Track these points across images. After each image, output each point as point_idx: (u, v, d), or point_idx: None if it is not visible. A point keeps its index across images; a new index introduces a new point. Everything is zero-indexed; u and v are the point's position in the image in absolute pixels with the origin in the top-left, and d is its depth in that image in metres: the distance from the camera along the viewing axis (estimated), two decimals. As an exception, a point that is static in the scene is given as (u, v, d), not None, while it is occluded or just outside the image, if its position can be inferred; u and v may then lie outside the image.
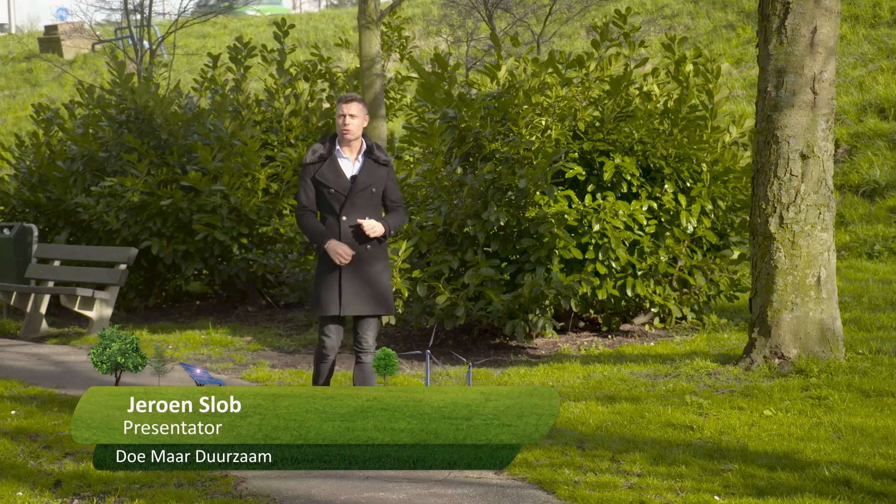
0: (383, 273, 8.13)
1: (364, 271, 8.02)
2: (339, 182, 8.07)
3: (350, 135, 8.09)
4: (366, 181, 8.08)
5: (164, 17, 39.19)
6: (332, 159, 8.12)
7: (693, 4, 29.59)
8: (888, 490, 6.41)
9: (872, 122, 19.51)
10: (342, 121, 8.09)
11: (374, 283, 8.04)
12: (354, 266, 8.00)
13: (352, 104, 8.10)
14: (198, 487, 6.97)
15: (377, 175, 8.14)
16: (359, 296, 8.00)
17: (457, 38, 25.93)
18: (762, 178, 9.89)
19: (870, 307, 12.48)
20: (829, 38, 9.77)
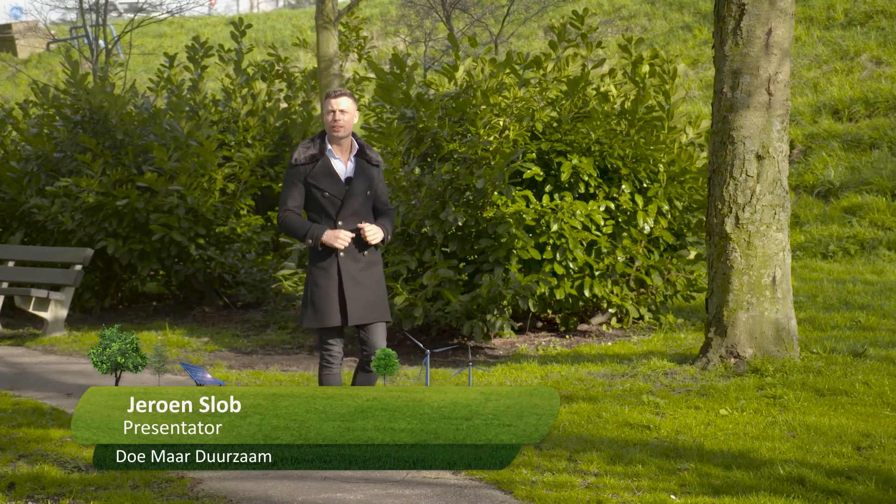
0: (381, 278, 7.79)
1: (364, 277, 7.64)
2: (334, 185, 7.61)
3: (341, 132, 7.61)
4: (361, 184, 7.65)
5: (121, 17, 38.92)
6: (325, 160, 7.63)
7: (650, 6, 29.74)
8: (842, 488, 6.46)
9: (827, 123, 19.67)
10: (332, 117, 7.60)
11: (376, 289, 7.69)
12: (355, 274, 7.60)
13: (341, 99, 7.62)
14: (154, 489, 6.93)
15: (370, 177, 7.72)
16: (364, 304, 7.61)
17: (415, 39, 25.93)
18: (718, 179, 9.94)
19: (824, 307, 12.58)
20: (784, 40, 9.84)
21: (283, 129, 16.79)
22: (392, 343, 12.68)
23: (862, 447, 7.35)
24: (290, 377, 10.81)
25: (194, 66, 16.59)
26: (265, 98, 16.63)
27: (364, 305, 7.61)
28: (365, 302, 7.61)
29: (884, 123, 18.83)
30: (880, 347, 10.23)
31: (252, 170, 15.59)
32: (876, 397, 8.63)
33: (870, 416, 8.16)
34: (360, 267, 7.63)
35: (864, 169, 17.78)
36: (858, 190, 17.23)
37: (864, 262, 15.06)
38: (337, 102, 7.59)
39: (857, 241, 15.88)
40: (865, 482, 6.53)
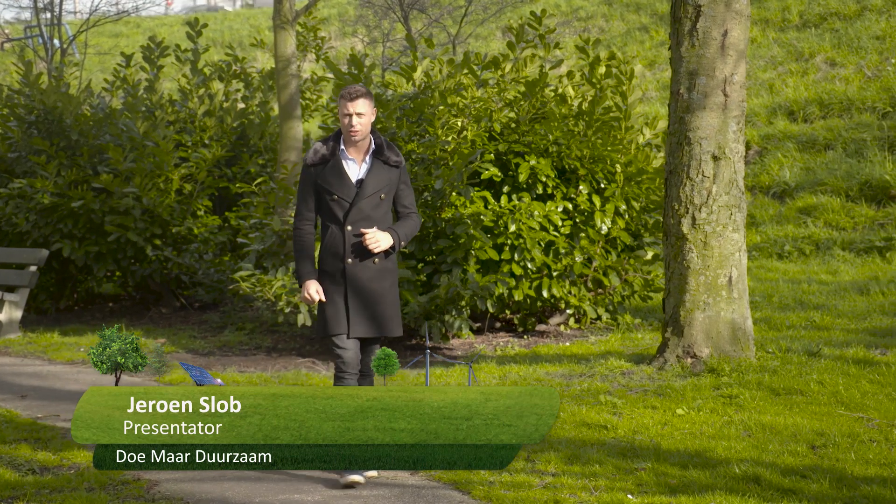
0: (391, 290, 7.17)
1: (371, 289, 7.08)
2: (343, 187, 7.06)
3: (358, 136, 7.05)
4: (373, 186, 7.07)
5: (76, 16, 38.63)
6: (336, 161, 7.09)
7: (607, 7, 29.85)
8: (796, 487, 6.51)
9: (782, 124, 19.82)
10: (348, 121, 7.03)
11: (382, 302, 7.10)
12: (362, 283, 7.06)
13: (358, 101, 7.02)
14: (109, 491, 6.88)
15: (387, 178, 7.13)
16: (365, 316, 7.07)
17: (373, 39, 25.89)
18: (675, 180, 9.99)
19: (780, 306, 12.66)
20: (740, 41, 9.90)
21: (241, 130, 16.73)
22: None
23: (816, 446, 7.41)
24: (247, 378, 10.77)
25: (150, 65, 16.49)
26: (222, 98, 16.57)
27: (365, 318, 7.08)
28: (368, 314, 7.08)
29: (838, 125, 19.00)
30: (835, 347, 10.32)
31: (209, 170, 15.52)
32: (830, 396, 8.70)
33: (824, 415, 8.23)
34: (369, 276, 7.09)
35: (818, 170, 17.92)
36: (813, 191, 17.37)
37: (819, 263, 15.18)
38: (354, 106, 7.02)
39: (811, 242, 16.01)
40: (820, 481, 6.58)
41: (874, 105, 19.02)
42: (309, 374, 10.90)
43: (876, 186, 16.79)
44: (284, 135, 15.32)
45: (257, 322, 13.93)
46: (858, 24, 22.76)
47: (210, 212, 15.57)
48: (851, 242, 15.66)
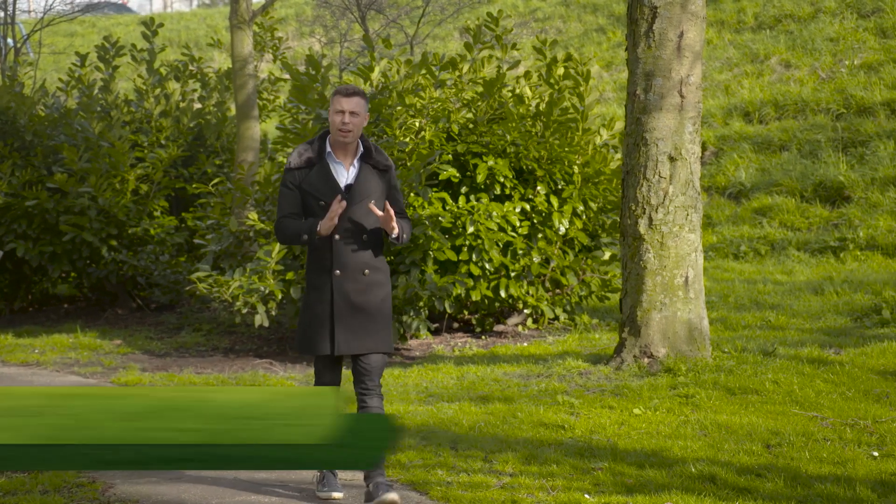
0: (385, 302, 6.58)
1: (363, 301, 6.50)
2: (332, 192, 6.51)
3: (348, 137, 6.50)
4: (363, 191, 6.53)
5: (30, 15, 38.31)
6: (323, 164, 6.55)
7: (564, 8, 29.94)
8: (751, 486, 6.55)
9: (738, 125, 19.95)
10: (340, 119, 6.48)
11: (375, 315, 6.52)
12: (351, 296, 6.47)
13: (353, 98, 6.50)
14: (64, 494, 6.83)
15: (377, 183, 6.60)
16: (356, 331, 6.48)
17: (330, 40, 25.85)
18: (632, 180, 10.03)
19: (735, 307, 12.75)
20: (696, 43, 9.96)
21: (197, 130, 16.65)
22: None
23: (771, 445, 7.46)
24: (204, 379, 10.72)
25: (105, 65, 16.39)
26: (179, 98, 16.49)
27: (355, 333, 6.48)
28: (357, 329, 6.48)
29: (793, 126, 19.14)
30: (789, 346, 10.40)
31: (165, 170, 15.44)
32: (785, 396, 8.76)
33: (779, 414, 8.29)
34: (359, 288, 6.50)
35: (773, 170, 18.06)
36: (768, 191, 17.50)
37: (774, 263, 15.30)
38: (348, 102, 6.49)
39: (767, 242, 16.12)
40: (774, 479, 6.63)
41: (828, 106, 19.19)
42: (266, 375, 10.87)
43: (830, 187, 16.94)
44: (241, 135, 15.26)
45: (214, 323, 13.87)
46: (812, 27, 22.95)
47: (166, 212, 15.49)
48: (806, 243, 15.78)
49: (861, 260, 14.71)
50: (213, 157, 16.38)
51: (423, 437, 7.95)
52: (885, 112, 18.42)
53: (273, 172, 13.12)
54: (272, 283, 11.70)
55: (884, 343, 10.23)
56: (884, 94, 18.80)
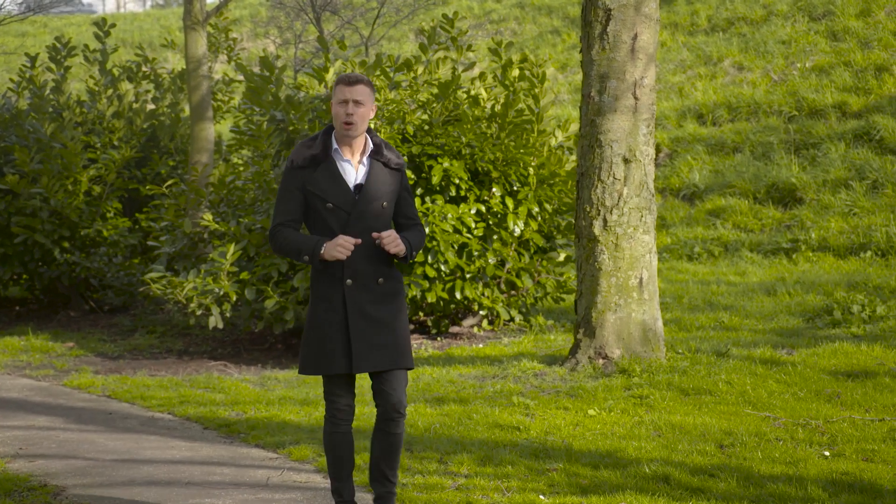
0: (400, 314, 5.95)
1: (379, 312, 5.85)
2: (340, 193, 5.83)
3: (353, 130, 5.82)
4: (375, 192, 5.88)
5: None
6: (329, 162, 5.87)
7: (519, 10, 30.01)
8: (705, 486, 6.59)
9: (692, 127, 20.07)
10: (343, 110, 5.82)
11: (393, 327, 5.88)
12: (366, 306, 5.83)
13: (357, 87, 5.83)
14: (14, 498, 6.76)
15: (388, 183, 5.94)
16: (375, 346, 5.82)
17: (285, 41, 25.76)
18: (586, 182, 10.06)
19: (689, 308, 12.82)
20: (650, 45, 10.00)
21: (151, 131, 16.56)
22: (264, 346, 12.59)
23: (724, 445, 7.51)
24: (157, 382, 10.65)
25: (57, 66, 16.25)
26: (132, 99, 16.38)
27: (375, 347, 5.82)
28: (376, 343, 5.82)
29: (746, 128, 19.28)
30: (742, 347, 10.47)
31: (119, 172, 15.33)
32: (738, 396, 8.82)
33: (732, 414, 8.34)
34: (374, 298, 5.86)
35: (727, 172, 18.18)
36: (722, 193, 17.61)
37: (728, 264, 15.40)
38: (351, 91, 5.82)
39: (720, 243, 16.22)
40: (727, 479, 6.67)
41: (780, 109, 19.34)
42: (221, 378, 10.82)
43: (783, 189, 17.08)
44: (196, 136, 15.19)
45: (168, 325, 13.79)
46: (765, 29, 23.13)
47: (120, 214, 15.38)
48: (759, 244, 15.90)
49: (813, 261, 14.84)
50: (167, 159, 16.29)
51: (379, 438, 7.93)
52: (836, 114, 18.60)
53: (227, 173, 13.07)
54: (227, 284, 11.64)
55: (835, 343, 10.33)
56: (835, 96, 18.98)
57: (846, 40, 21.19)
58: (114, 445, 8.14)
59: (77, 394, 10.35)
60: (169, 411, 9.43)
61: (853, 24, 21.58)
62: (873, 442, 7.44)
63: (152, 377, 11.05)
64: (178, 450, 7.98)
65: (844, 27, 21.61)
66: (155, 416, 9.32)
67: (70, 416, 9.23)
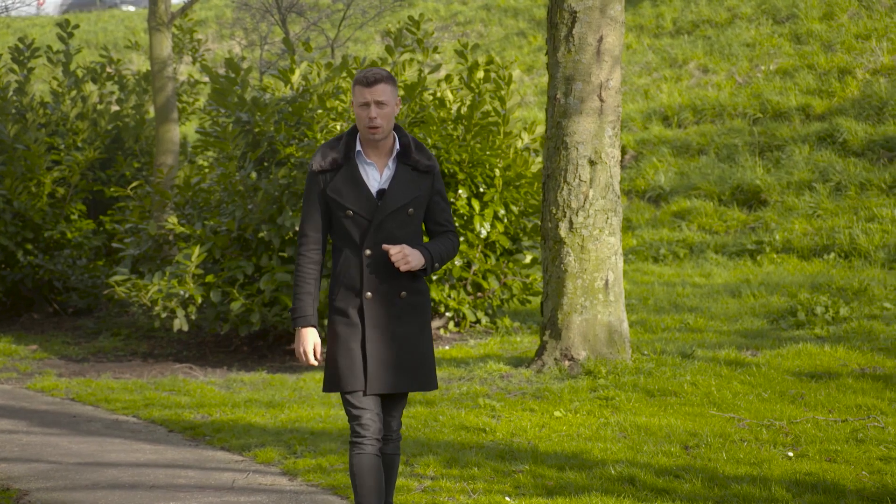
0: (423, 331, 5.49)
1: (399, 329, 5.41)
2: (361, 200, 5.38)
3: (378, 133, 5.35)
4: (399, 198, 5.39)
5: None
6: (351, 166, 5.42)
7: (485, 12, 30.05)
8: (670, 487, 6.61)
9: (657, 129, 20.15)
10: (366, 113, 5.35)
11: (415, 346, 5.44)
12: (385, 322, 5.40)
13: (378, 87, 5.34)
14: (-22, 503, 6.71)
15: (416, 188, 5.44)
16: (390, 366, 5.38)
17: (250, 42, 25.68)
18: (552, 184, 10.08)
19: (655, 309, 12.87)
20: (615, 47, 10.03)
21: (115, 133, 16.46)
22: (229, 349, 12.55)
23: (689, 446, 7.54)
24: (122, 385, 10.60)
25: (20, 67, 16.14)
26: (96, 100, 16.29)
27: (393, 368, 5.38)
28: (395, 363, 5.39)
29: (711, 130, 19.38)
30: (707, 349, 10.51)
31: (83, 173, 15.25)
32: (703, 397, 8.86)
33: (697, 415, 8.38)
34: (395, 313, 5.41)
35: (692, 174, 18.26)
36: (687, 195, 17.69)
37: (693, 266, 15.47)
38: (372, 92, 5.33)
39: (686, 245, 16.29)
40: (692, 480, 6.70)
41: (745, 111, 19.45)
42: (186, 380, 10.77)
43: (747, 191, 17.17)
44: (161, 138, 15.12)
45: (133, 328, 13.72)
46: (729, 32, 23.25)
47: (84, 216, 15.29)
48: (724, 246, 15.98)
49: (777, 263, 14.93)
50: (132, 160, 16.20)
51: (345, 440, 7.92)
52: (800, 117, 18.72)
53: (193, 175, 13.02)
54: (192, 287, 11.59)
55: (799, 345, 10.39)
56: (798, 99, 19.10)
57: (810, 43, 21.34)
58: (78, 449, 8.09)
59: (40, 397, 10.28)
60: (133, 414, 9.39)
61: (816, 27, 21.73)
62: (836, 442, 7.49)
63: (117, 380, 10.99)
64: (142, 453, 7.94)
65: (808, 30, 21.76)
66: (119, 419, 9.27)
67: (33, 420, 9.17)
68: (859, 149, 17.16)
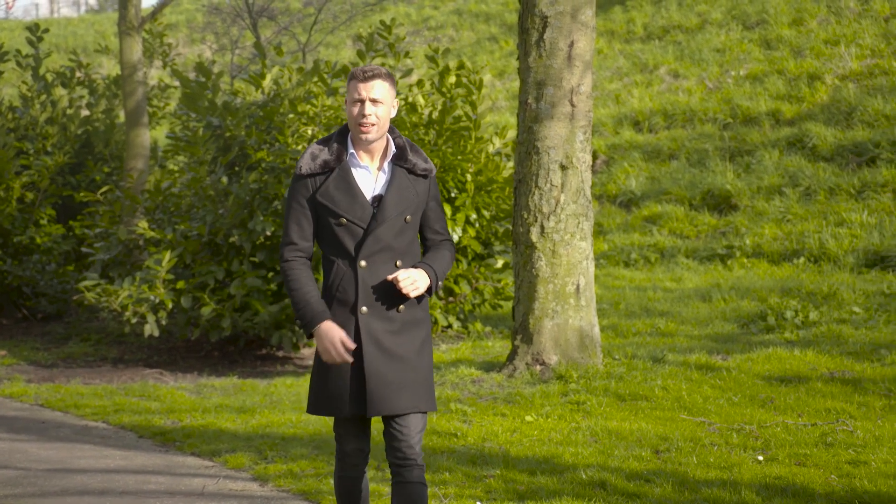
0: (425, 346, 5.11)
1: (398, 345, 5.01)
2: (355, 206, 4.99)
3: (371, 133, 4.98)
4: (396, 205, 5.02)
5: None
6: (344, 170, 5.02)
7: (457, 17, 30.08)
8: (641, 491, 6.63)
9: (628, 134, 20.22)
10: (358, 110, 4.98)
11: (414, 363, 5.04)
12: (383, 338, 5.00)
13: (374, 82, 4.97)
14: (-54, 511, 6.66)
15: (413, 194, 5.07)
16: (391, 385, 4.97)
17: (221, 46, 25.62)
18: (524, 189, 10.09)
19: (626, 314, 12.90)
20: (586, 52, 10.05)
21: (85, 137, 16.40)
22: (200, 354, 12.50)
23: (660, 450, 7.56)
24: (92, 390, 10.54)
25: (-11, 71, 16.05)
26: (66, 105, 16.21)
27: (390, 387, 4.97)
28: (394, 381, 4.98)
29: (681, 135, 19.46)
30: (678, 353, 10.54)
31: (52, 178, 15.17)
32: (674, 402, 8.88)
33: (668, 419, 8.40)
34: (393, 328, 5.02)
35: (663, 179, 18.32)
36: (658, 199, 17.75)
37: (664, 270, 15.52)
38: (367, 88, 4.96)
39: (657, 250, 16.35)
40: (663, 484, 6.71)
41: (715, 116, 19.54)
42: (156, 386, 10.72)
43: (718, 195, 17.24)
44: (131, 142, 15.06)
45: (103, 333, 13.66)
46: (700, 37, 23.36)
47: (53, 221, 15.21)
48: (695, 250, 16.04)
49: (747, 267, 14.99)
50: (102, 165, 16.14)
51: (316, 446, 7.91)
52: (770, 122, 18.82)
53: (163, 180, 12.97)
54: (162, 292, 11.55)
55: (769, 349, 10.44)
56: (768, 104, 19.20)
57: (779, 48, 21.46)
58: (47, 455, 8.04)
59: (9, 403, 10.22)
60: (103, 420, 9.34)
61: (786, 32, 21.86)
62: (806, 446, 7.53)
63: (86, 385, 10.93)
64: (112, 459, 7.90)
65: (777, 35, 21.88)
66: (89, 424, 9.22)
67: (2, 426, 9.11)
68: (828, 154, 17.27)
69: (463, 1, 31.99)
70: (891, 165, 16.17)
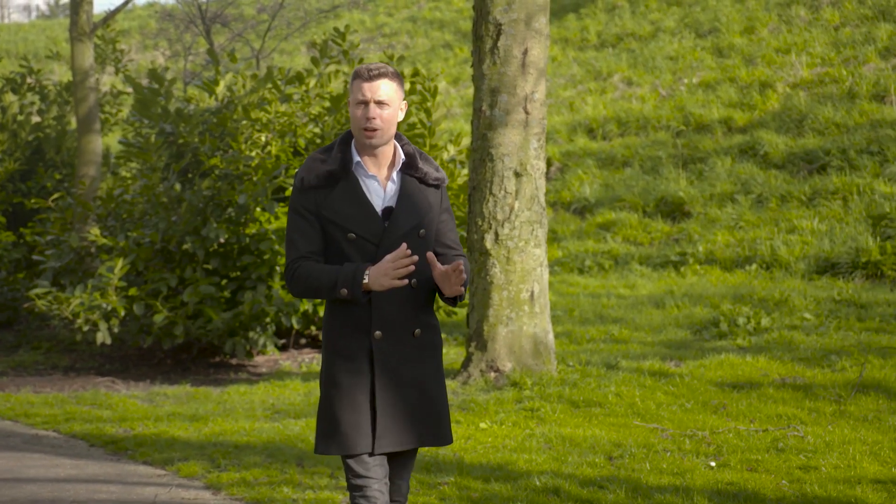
0: (439, 372, 4.62)
1: (414, 372, 4.52)
2: (365, 220, 4.49)
3: (375, 137, 4.49)
4: (409, 217, 4.54)
5: None
6: (350, 181, 4.53)
7: (411, 24, 30.09)
8: (594, 497, 6.64)
9: (582, 141, 20.30)
10: (362, 112, 4.49)
11: (432, 392, 4.56)
12: (396, 367, 4.49)
13: (380, 82, 4.48)
14: None
15: (426, 205, 4.59)
16: (403, 418, 4.49)
17: (174, 53, 25.49)
18: (478, 196, 10.11)
19: (580, 320, 12.94)
20: (540, 60, 10.09)
21: (36, 144, 16.26)
22: (153, 362, 12.42)
23: (614, 457, 7.58)
24: (42, 399, 10.44)
25: (-61, 76, 15.90)
26: (16, 111, 16.08)
27: (406, 421, 4.50)
28: (406, 414, 4.50)
29: (635, 142, 19.56)
30: (632, 359, 10.59)
31: (2, 185, 15.03)
32: (627, 408, 8.92)
33: (621, 426, 8.43)
34: (408, 354, 4.53)
35: (617, 186, 18.41)
36: (612, 206, 17.83)
37: (618, 277, 15.58)
38: (372, 88, 4.47)
39: (611, 256, 16.41)
40: (616, 491, 6.73)
41: (668, 123, 19.65)
42: (108, 394, 10.64)
43: (671, 202, 17.34)
44: (83, 149, 14.95)
45: (54, 341, 13.54)
46: (653, 45, 23.49)
47: (3, 228, 15.07)
48: (648, 257, 16.12)
49: (700, 274, 15.08)
50: (53, 172, 16.01)
51: (269, 454, 7.87)
52: (722, 129, 18.95)
53: (116, 187, 12.88)
54: (115, 299, 11.46)
55: (721, 355, 10.50)
56: (721, 111, 19.34)
57: (731, 57, 21.63)
58: (-4, 465, 7.95)
59: (-42, 412, 10.11)
60: (54, 429, 9.25)
61: (738, 40, 22.03)
62: (757, 452, 7.58)
63: (37, 394, 10.82)
64: (63, 468, 7.83)
65: (730, 44, 22.05)
66: (39, 433, 9.13)
67: (-49, 436, 9.01)
68: (780, 161, 17.41)
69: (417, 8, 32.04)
70: (841, 173, 16.33)
